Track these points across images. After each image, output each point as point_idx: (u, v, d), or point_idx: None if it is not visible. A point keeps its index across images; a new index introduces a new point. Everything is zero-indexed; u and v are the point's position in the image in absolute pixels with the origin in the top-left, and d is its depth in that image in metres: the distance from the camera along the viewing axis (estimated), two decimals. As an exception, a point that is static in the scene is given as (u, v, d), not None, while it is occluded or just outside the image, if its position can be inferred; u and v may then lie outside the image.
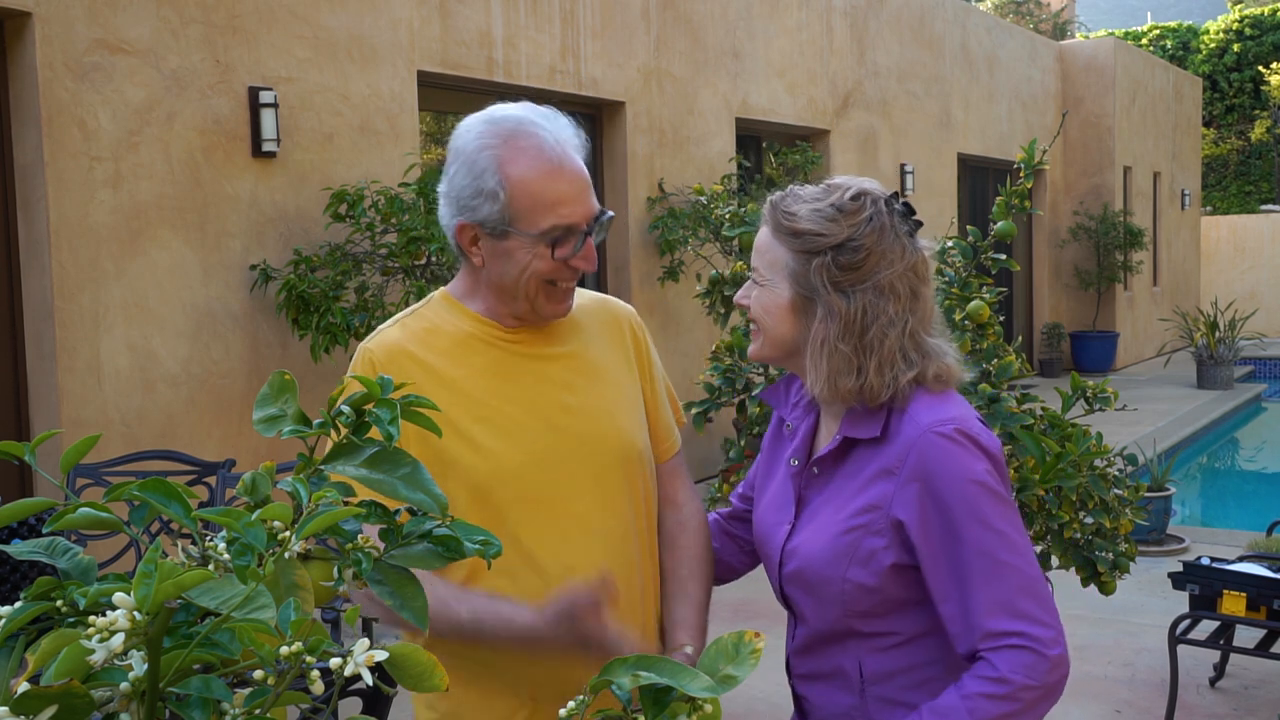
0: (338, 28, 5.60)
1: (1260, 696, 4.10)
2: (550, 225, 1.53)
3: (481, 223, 1.55)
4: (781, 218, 1.50)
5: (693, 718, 0.75)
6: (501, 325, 1.63)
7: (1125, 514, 2.81)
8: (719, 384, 3.23)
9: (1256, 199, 22.67)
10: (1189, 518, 8.58)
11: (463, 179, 1.56)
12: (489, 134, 1.55)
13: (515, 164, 1.53)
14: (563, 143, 1.57)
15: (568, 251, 1.56)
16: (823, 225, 1.47)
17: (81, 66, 4.58)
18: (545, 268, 1.56)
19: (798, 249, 1.48)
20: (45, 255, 4.51)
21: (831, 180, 1.54)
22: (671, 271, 7.58)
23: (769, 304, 1.52)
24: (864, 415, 1.49)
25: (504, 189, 1.52)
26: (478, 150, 1.55)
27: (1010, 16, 22.78)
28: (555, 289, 1.59)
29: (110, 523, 0.75)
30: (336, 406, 0.86)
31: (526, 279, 1.56)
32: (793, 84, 9.26)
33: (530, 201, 1.53)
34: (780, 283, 1.50)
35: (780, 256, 1.50)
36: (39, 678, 0.66)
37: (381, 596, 0.83)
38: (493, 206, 1.53)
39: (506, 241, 1.55)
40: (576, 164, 1.58)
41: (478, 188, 1.54)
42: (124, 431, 4.70)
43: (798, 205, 1.49)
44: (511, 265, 1.56)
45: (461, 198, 1.56)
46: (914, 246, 1.50)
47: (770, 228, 1.52)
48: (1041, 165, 3.06)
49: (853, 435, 1.49)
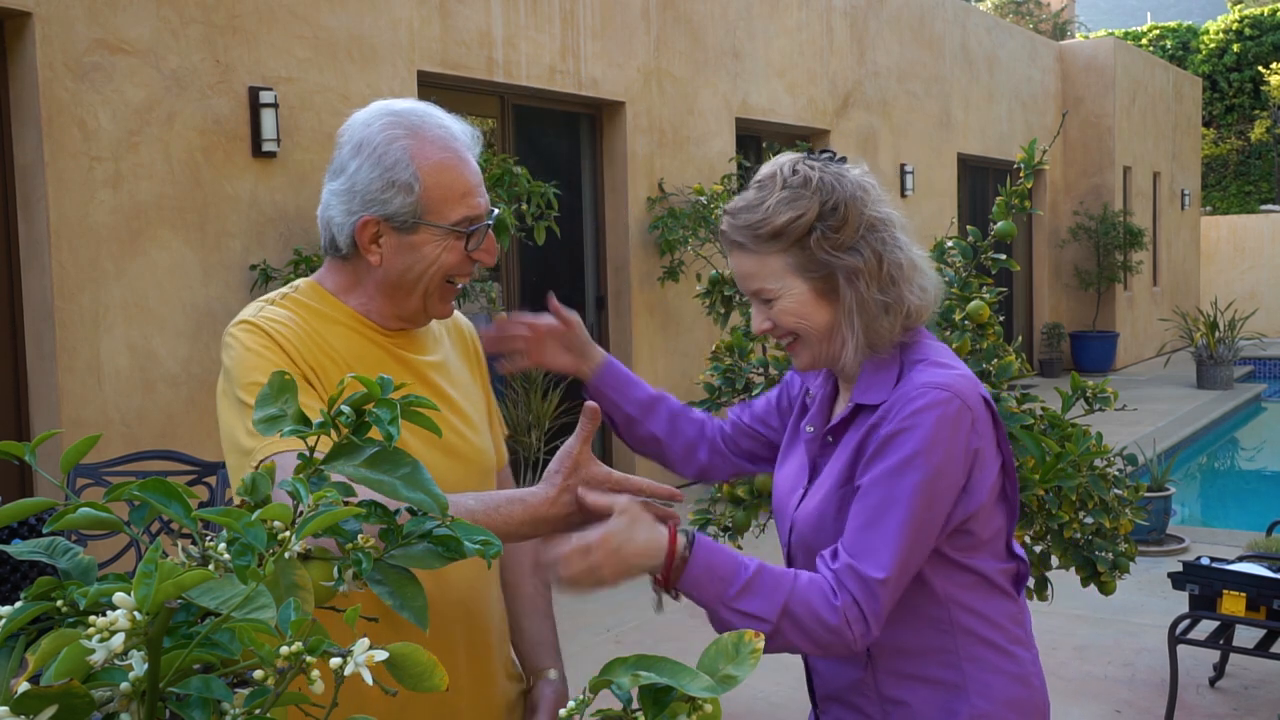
0: (338, 28, 5.60)
1: (1260, 696, 4.10)
2: (462, 216, 1.51)
3: (390, 216, 1.50)
4: (754, 230, 1.49)
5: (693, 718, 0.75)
6: (382, 327, 1.57)
7: (1125, 514, 2.82)
8: (719, 384, 3.23)
9: (1256, 199, 22.67)
10: (1189, 518, 8.58)
11: (370, 172, 1.50)
12: (396, 125, 1.52)
13: (428, 155, 1.50)
14: (464, 137, 1.56)
15: (474, 242, 1.54)
16: (794, 208, 1.48)
17: (81, 66, 4.58)
18: (454, 260, 1.53)
19: (788, 245, 1.48)
20: (45, 255, 4.51)
21: (756, 178, 1.54)
22: (671, 271, 7.58)
23: (795, 307, 1.51)
24: (874, 380, 1.51)
25: (419, 180, 1.49)
26: (387, 143, 1.50)
27: (1010, 16, 22.78)
28: (450, 288, 1.56)
29: (110, 523, 0.75)
30: (337, 406, 0.86)
31: (432, 274, 1.52)
32: (793, 84, 9.26)
33: (444, 192, 1.50)
34: (793, 284, 1.50)
35: (777, 264, 1.50)
36: (39, 678, 0.66)
37: (382, 597, 0.83)
38: (406, 198, 1.49)
39: (415, 235, 1.51)
40: (472, 156, 1.57)
41: (390, 180, 1.49)
42: (124, 431, 4.70)
43: (757, 212, 1.49)
44: (417, 260, 1.52)
45: (369, 192, 1.50)
46: (856, 178, 1.52)
47: (748, 248, 1.50)
48: (1041, 165, 3.06)
49: (863, 401, 1.50)
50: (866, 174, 1.56)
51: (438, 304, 1.57)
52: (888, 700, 1.53)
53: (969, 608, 1.52)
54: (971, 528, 1.49)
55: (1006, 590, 1.57)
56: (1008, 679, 1.53)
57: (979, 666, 1.51)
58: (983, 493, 1.48)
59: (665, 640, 4.76)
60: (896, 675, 1.52)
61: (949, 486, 1.44)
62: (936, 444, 1.42)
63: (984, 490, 1.48)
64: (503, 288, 6.85)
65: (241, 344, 1.50)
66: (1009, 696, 1.52)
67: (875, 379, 1.51)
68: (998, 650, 1.53)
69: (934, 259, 3.07)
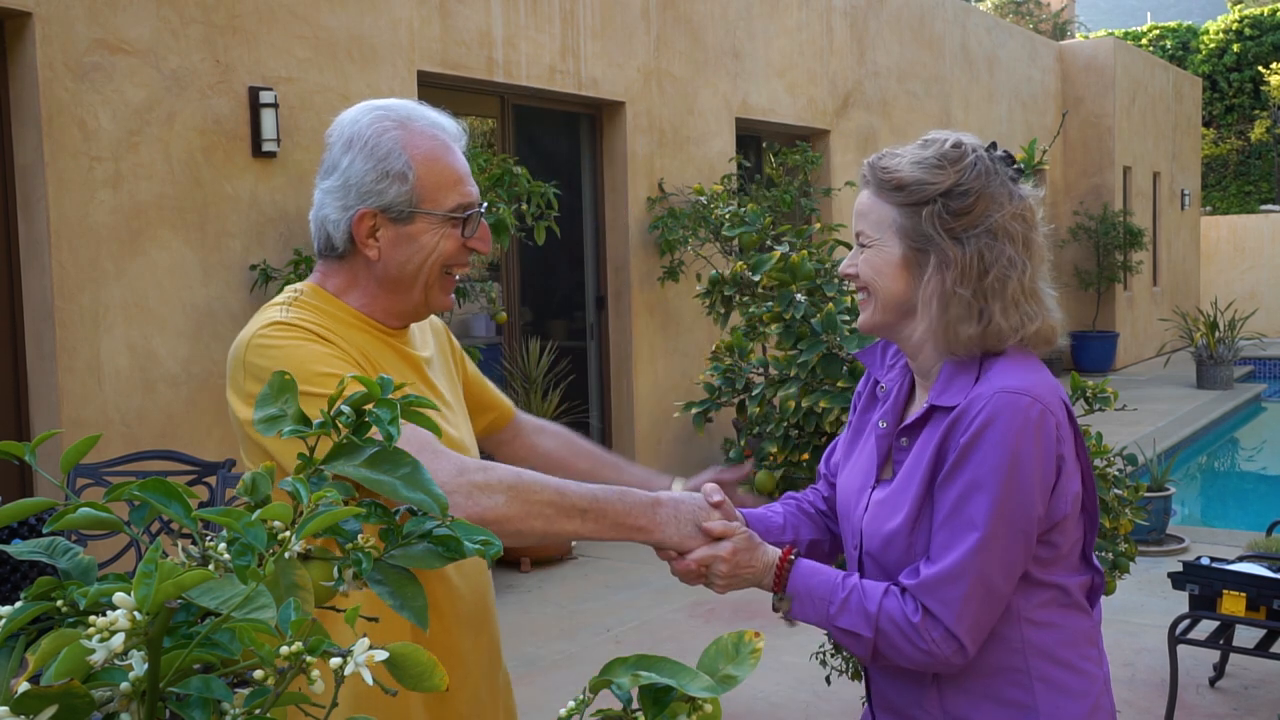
0: (338, 28, 5.60)
1: (1260, 696, 4.10)
2: (457, 202, 1.54)
3: (387, 207, 1.51)
4: (882, 174, 1.48)
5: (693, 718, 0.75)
6: (384, 325, 1.59)
7: (1125, 514, 2.82)
8: (719, 384, 3.23)
9: (1256, 199, 22.67)
10: (1189, 518, 8.58)
11: (364, 164, 1.51)
12: (385, 118, 1.54)
13: (419, 145, 1.52)
14: (452, 129, 1.59)
15: (469, 229, 1.56)
16: (928, 174, 1.46)
17: (82, 66, 4.58)
18: (451, 248, 1.54)
19: (904, 202, 1.46)
20: (45, 255, 4.51)
21: (926, 136, 1.53)
22: (671, 271, 7.58)
23: (880, 264, 1.49)
24: (952, 381, 1.46)
25: (412, 169, 1.51)
26: (378, 135, 1.52)
27: (1010, 16, 22.77)
28: (449, 279, 1.59)
29: (110, 523, 0.75)
30: (336, 406, 0.86)
31: (431, 264, 1.54)
32: (793, 84, 9.26)
33: (437, 180, 1.52)
34: (890, 240, 1.48)
35: (886, 214, 1.48)
36: (39, 678, 0.66)
37: (382, 597, 0.83)
38: (401, 188, 1.51)
39: (412, 225, 1.53)
40: (460, 148, 1.60)
41: (384, 170, 1.51)
42: (124, 431, 4.70)
43: (897, 160, 1.48)
44: (416, 250, 1.53)
45: (364, 185, 1.51)
46: (1019, 192, 1.49)
47: (872, 188, 1.50)
48: (1041, 165, 3.06)
49: (940, 403, 1.46)
50: (1034, 193, 1.53)
51: (439, 295, 1.58)
52: (951, 718, 1.47)
53: (1044, 623, 1.46)
54: (1053, 539, 1.44)
55: (1082, 605, 1.51)
56: (1079, 700, 1.47)
57: (1050, 688, 1.45)
58: (1066, 502, 1.43)
59: (665, 640, 4.76)
60: (963, 693, 1.46)
61: (1032, 496, 1.39)
62: (1014, 455, 1.37)
63: (1068, 499, 1.43)
64: (503, 288, 6.85)
65: (288, 341, 1.49)
66: (1079, 717, 1.47)
67: (954, 381, 1.46)
68: (1071, 670, 1.47)
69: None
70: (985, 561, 1.38)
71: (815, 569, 1.49)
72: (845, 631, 1.44)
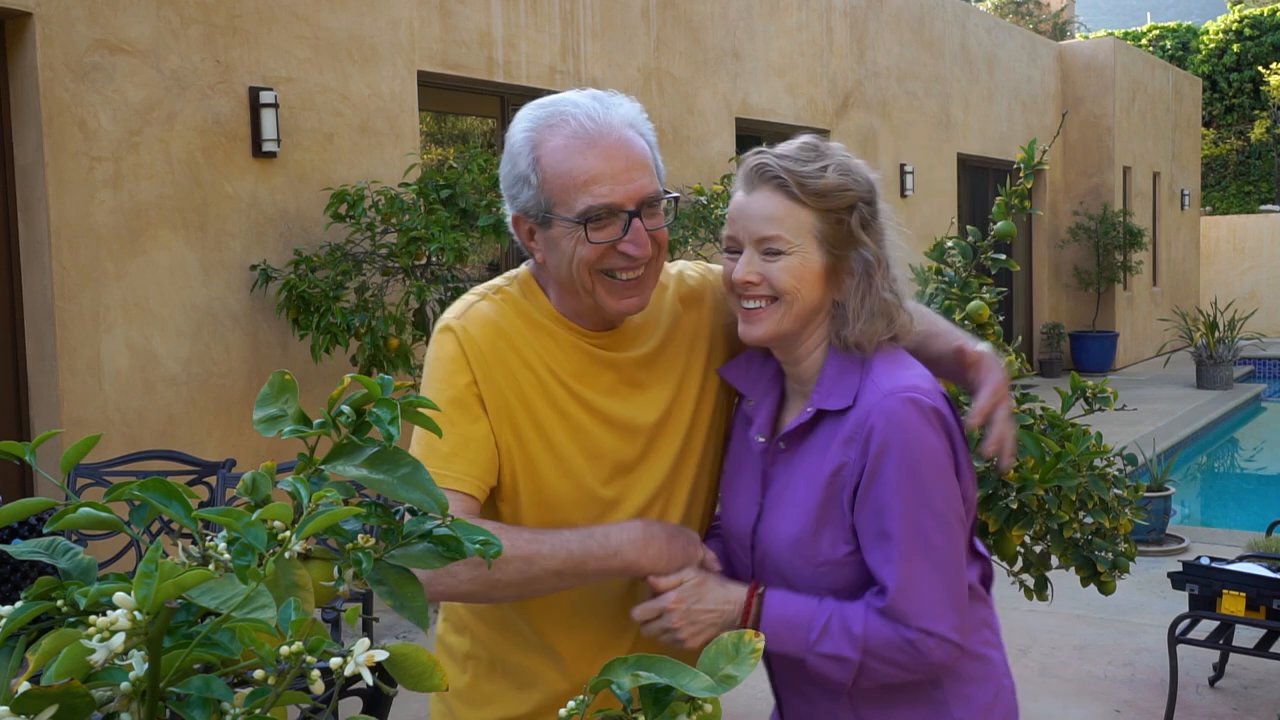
0: (338, 28, 5.60)
1: (1260, 696, 4.10)
2: (585, 206, 1.40)
3: (526, 212, 1.46)
4: (802, 179, 1.42)
5: (693, 718, 0.75)
6: (579, 326, 1.52)
7: (1125, 514, 2.81)
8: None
9: (1256, 199, 22.67)
10: (1188, 518, 8.58)
11: (507, 167, 1.48)
12: (529, 119, 1.47)
13: (546, 144, 1.43)
14: (603, 119, 1.45)
15: (607, 235, 1.41)
16: (848, 179, 1.45)
17: (82, 66, 4.58)
18: (590, 254, 1.42)
19: (827, 207, 1.43)
20: (46, 255, 4.51)
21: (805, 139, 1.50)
22: (671, 271, 7.57)
23: (802, 271, 1.43)
24: (836, 384, 1.45)
25: (536, 172, 1.43)
26: (519, 135, 1.47)
27: (1010, 17, 22.77)
28: (615, 281, 1.45)
29: (111, 523, 0.75)
30: (337, 406, 0.86)
31: (577, 269, 1.43)
32: (793, 84, 9.27)
33: (562, 182, 1.41)
34: (809, 247, 1.43)
35: (805, 220, 1.43)
36: (39, 677, 0.66)
37: (382, 597, 0.83)
38: (529, 192, 1.44)
39: (552, 230, 1.44)
40: (617, 139, 1.44)
41: (516, 174, 1.46)
42: (124, 431, 4.70)
43: (811, 164, 1.44)
44: (561, 256, 1.45)
45: (507, 188, 1.48)
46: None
47: (786, 192, 1.43)
48: (1041, 165, 3.06)
49: (826, 406, 1.44)
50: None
51: (606, 298, 1.46)
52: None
53: None
54: None
55: (980, 593, 1.54)
56: (984, 686, 1.51)
57: (957, 679, 1.49)
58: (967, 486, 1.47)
59: (665, 640, 4.76)
60: (872, 699, 1.48)
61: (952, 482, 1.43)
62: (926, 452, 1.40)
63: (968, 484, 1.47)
64: (503, 288, 6.84)
65: (432, 352, 1.50)
66: (986, 702, 1.51)
67: (838, 384, 1.45)
68: (973, 657, 1.50)
69: (934, 259, 3.07)
70: (941, 559, 1.40)
71: (786, 597, 1.45)
72: (827, 657, 1.41)
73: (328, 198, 5.32)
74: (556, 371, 1.51)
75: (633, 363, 1.55)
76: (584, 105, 1.47)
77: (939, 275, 3.02)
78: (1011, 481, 2.68)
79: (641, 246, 1.43)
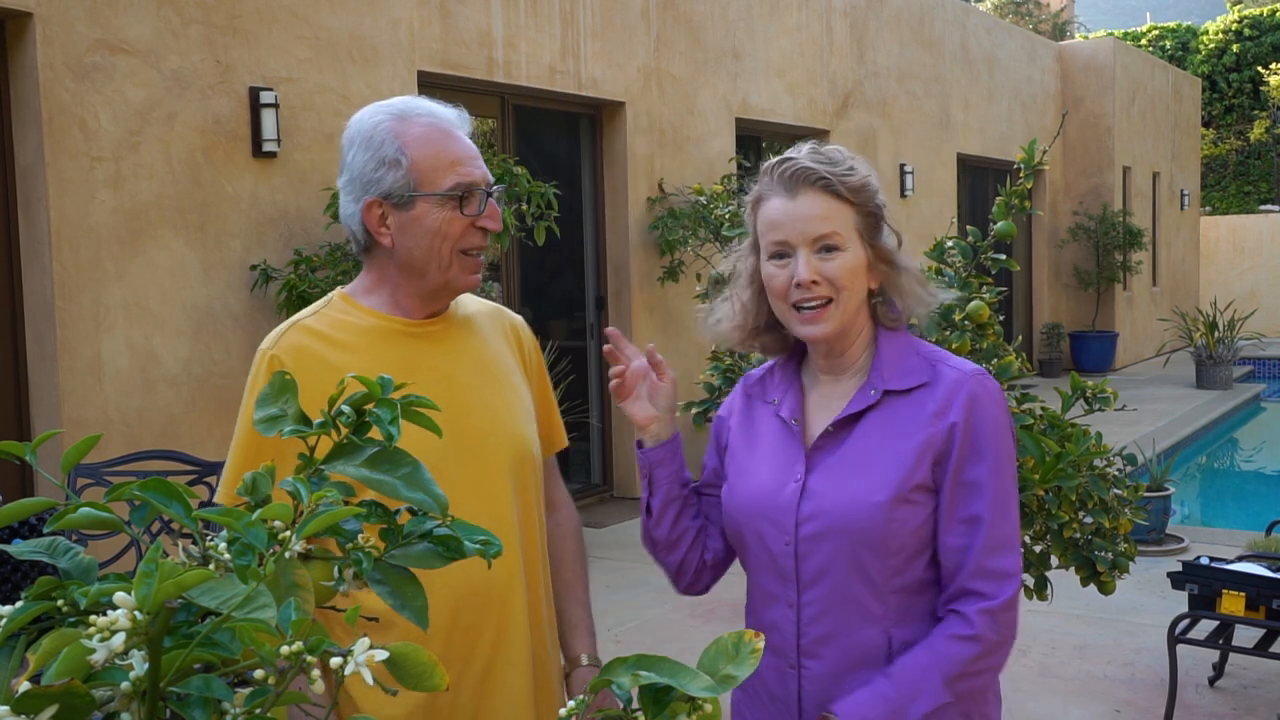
0: (338, 28, 5.60)
1: (1259, 696, 4.10)
2: (454, 182, 1.57)
3: (388, 194, 1.58)
4: (842, 178, 1.49)
5: (693, 718, 0.75)
6: (407, 318, 1.64)
7: (1125, 514, 2.81)
8: (719, 384, 3.24)
9: (1255, 199, 22.67)
10: (1188, 518, 8.59)
11: (362, 156, 1.60)
12: (381, 114, 1.62)
13: (410, 132, 1.59)
14: (451, 117, 1.64)
15: (475, 209, 1.59)
16: (870, 175, 1.53)
17: (82, 67, 4.58)
18: (458, 228, 1.58)
19: (862, 201, 1.51)
20: (46, 255, 4.51)
21: (812, 145, 1.57)
22: (671, 271, 7.58)
23: (855, 267, 1.50)
24: (897, 366, 1.53)
25: (405, 154, 1.57)
26: (373, 128, 1.60)
27: (1010, 17, 22.78)
28: (468, 259, 1.61)
29: (111, 522, 0.75)
30: (337, 406, 0.86)
31: (440, 245, 1.58)
32: (793, 84, 9.27)
33: (431, 162, 1.57)
34: (855, 243, 1.50)
35: (849, 217, 1.50)
36: (40, 677, 0.66)
37: (382, 597, 0.83)
38: (396, 173, 1.57)
39: (414, 209, 1.58)
40: (463, 132, 1.64)
41: (379, 159, 1.58)
42: (124, 431, 4.70)
43: (840, 164, 1.51)
44: (422, 234, 1.58)
45: (364, 175, 1.59)
46: None
47: (831, 192, 1.49)
48: (1041, 165, 3.06)
49: (893, 387, 1.52)
50: None
51: (460, 275, 1.61)
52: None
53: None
54: None
55: None
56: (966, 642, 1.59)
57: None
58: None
59: (665, 640, 4.76)
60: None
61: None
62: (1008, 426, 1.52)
63: None
64: (503, 288, 6.85)
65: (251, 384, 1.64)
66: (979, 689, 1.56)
67: (900, 365, 1.53)
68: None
69: (934, 259, 3.07)
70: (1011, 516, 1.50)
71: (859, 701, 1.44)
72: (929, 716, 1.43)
73: (328, 198, 5.32)
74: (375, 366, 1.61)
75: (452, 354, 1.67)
76: (429, 104, 1.65)
77: (939, 275, 3.02)
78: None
79: (497, 221, 1.63)
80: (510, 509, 1.64)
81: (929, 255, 3.09)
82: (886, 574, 1.49)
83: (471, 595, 1.58)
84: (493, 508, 1.62)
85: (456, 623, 1.57)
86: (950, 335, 2.86)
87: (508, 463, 1.64)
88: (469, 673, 1.59)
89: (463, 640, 1.57)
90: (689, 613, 5.11)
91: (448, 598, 1.54)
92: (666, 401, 1.68)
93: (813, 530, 1.51)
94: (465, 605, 1.57)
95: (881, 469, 1.49)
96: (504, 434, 1.65)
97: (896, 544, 1.48)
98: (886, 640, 1.50)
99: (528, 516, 1.69)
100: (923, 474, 1.48)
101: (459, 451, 1.56)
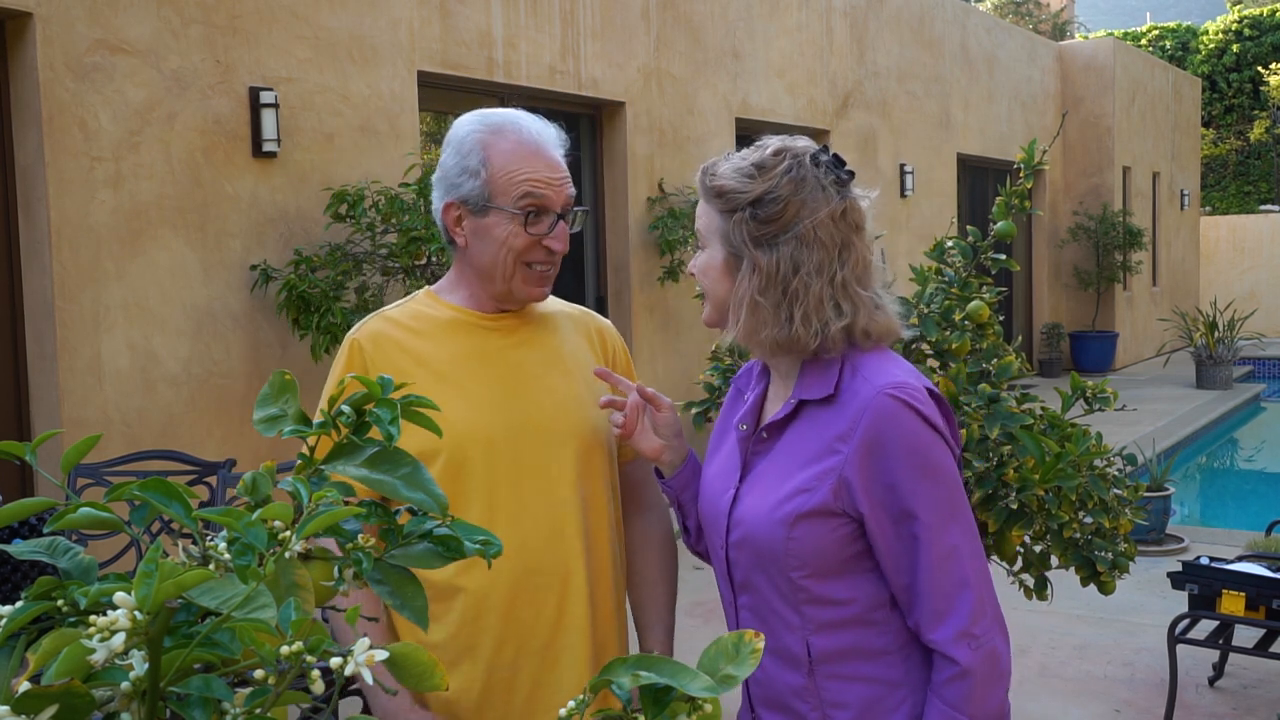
0: (338, 28, 5.60)
1: (1259, 696, 4.10)
2: (523, 197, 1.66)
3: (465, 199, 1.69)
4: (708, 180, 1.55)
5: (693, 718, 0.75)
6: (482, 312, 1.75)
7: (1125, 514, 2.82)
8: (719, 384, 3.24)
9: (1255, 199, 22.67)
10: (1188, 517, 8.59)
11: (451, 160, 1.72)
12: (478, 124, 1.72)
13: (497, 146, 1.68)
14: (543, 136, 1.72)
15: (540, 229, 1.68)
16: (741, 182, 1.51)
17: (82, 66, 4.58)
18: (521, 244, 1.67)
19: (722, 208, 1.53)
20: (46, 255, 4.51)
21: (761, 140, 1.57)
22: (671, 271, 7.58)
23: (707, 265, 1.56)
24: (817, 376, 1.51)
25: (485, 166, 1.67)
26: (466, 135, 1.71)
27: (1010, 17, 22.78)
28: (531, 271, 1.71)
29: (111, 522, 0.75)
30: (337, 406, 0.86)
31: (505, 256, 1.68)
32: (793, 84, 9.27)
33: (507, 177, 1.67)
34: (714, 244, 1.55)
35: (712, 219, 1.55)
36: (40, 677, 0.66)
37: (382, 596, 0.83)
38: (474, 182, 1.68)
39: (486, 218, 1.68)
40: (554, 154, 1.72)
41: (463, 166, 1.69)
42: (124, 431, 4.70)
43: (721, 166, 1.55)
44: (490, 242, 1.69)
45: (449, 177, 1.71)
46: (842, 195, 1.50)
47: (701, 193, 1.57)
48: (1041, 165, 3.06)
49: (806, 397, 1.51)
50: (865, 194, 1.54)
51: (521, 286, 1.72)
52: (828, 704, 1.51)
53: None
54: None
55: None
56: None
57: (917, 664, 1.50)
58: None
59: (665, 640, 4.75)
60: (838, 678, 1.51)
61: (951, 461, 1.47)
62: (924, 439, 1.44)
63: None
64: (503, 288, 6.84)
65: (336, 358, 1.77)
66: None
67: (820, 377, 1.51)
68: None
69: (934, 259, 3.07)
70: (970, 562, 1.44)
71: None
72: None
73: (328, 198, 5.32)
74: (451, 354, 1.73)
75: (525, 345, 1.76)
76: (526, 120, 1.73)
77: (939, 275, 3.03)
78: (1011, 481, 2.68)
79: (563, 242, 1.72)
80: (574, 493, 1.71)
81: (929, 255, 3.09)
82: (792, 589, 1.50)
83: (528, 574, 1.66)
84: (554, 491, 1.69)
85: (516, 598, 1.65)
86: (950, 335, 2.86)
87: (574, 450, 1.72)
88: (527, 649, 1.67)
89: (523, 616, 1.66)
90: (689, 613, 5.11)
91: (506, 574, 1.64)
92: (670, 429, 1.73)
93: (736, 538, 1.56)
94: (524, 583, 1.65)
95: (789, 484, 1.49)
96: (572, 422, 1.73)
97: (798, 561, 1.48)
98: (805, 647, 1.51)
99: (596, 503, 1.74)
100: (822, 497, 1.45)
101: (524, 436, 1.68)
